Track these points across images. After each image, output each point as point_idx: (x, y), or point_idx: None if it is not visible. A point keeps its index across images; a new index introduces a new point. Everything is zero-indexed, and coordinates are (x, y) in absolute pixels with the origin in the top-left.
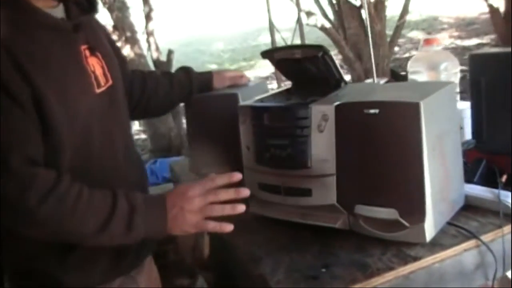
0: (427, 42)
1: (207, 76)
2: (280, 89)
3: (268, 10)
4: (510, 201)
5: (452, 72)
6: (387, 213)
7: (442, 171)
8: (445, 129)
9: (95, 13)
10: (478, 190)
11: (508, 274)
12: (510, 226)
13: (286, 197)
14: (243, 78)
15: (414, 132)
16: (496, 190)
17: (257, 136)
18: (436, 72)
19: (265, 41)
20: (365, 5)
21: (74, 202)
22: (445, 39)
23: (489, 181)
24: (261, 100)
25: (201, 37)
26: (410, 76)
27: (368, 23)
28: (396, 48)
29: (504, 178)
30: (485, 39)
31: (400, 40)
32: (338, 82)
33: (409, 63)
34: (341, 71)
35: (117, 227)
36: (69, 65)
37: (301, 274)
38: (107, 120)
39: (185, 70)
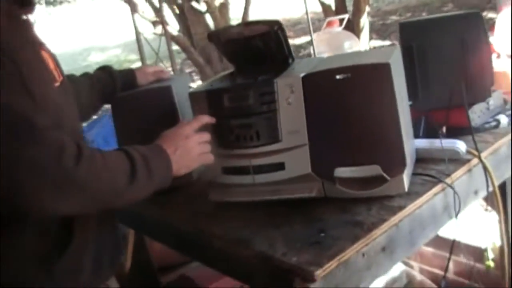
0: (329, 24)
1: (129, 73)
2: (222, 74)
3: (134, 23)
4: (458, 146)
5: (355, 49)
6: (370, 169)
7: (405, 125)
8: (401, 87)
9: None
10: (424, 143)
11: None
12: (462, 169)
13: (256, 176)
14: (165, 72)
15: (388, 89)
16: (451, 140)
17: (217, 120)
18: (341, 51)
19: (96, 60)
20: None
21: (102, 160)
22: None
23: (430, 135)
24: (210, 84)
25: None
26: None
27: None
28: None
29: (444, 129)
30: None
31: None
32: (285, 59)
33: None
34: (291, 46)
35: (142, 176)
36: (35, 57)
37: (302, 242)
38: (72, 117)
39: (106, 69)
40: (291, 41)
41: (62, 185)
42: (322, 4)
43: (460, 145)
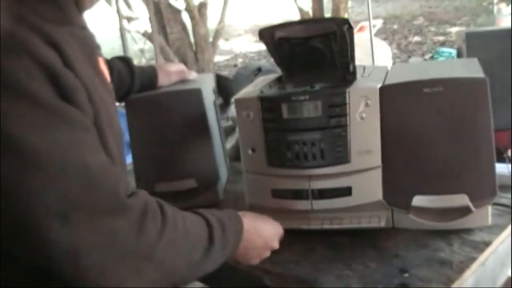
0: (360, 29)
1: (151, 72)
2: (268, 79)
3: (120, 20)
4: None
5: (388, 56)
6: (455, 199)
7: None
8: None
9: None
10: None
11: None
12: None
13: (315, 201)
14: (190, 72)
15: (484, 109)
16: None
17: (270, 133)
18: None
19: None
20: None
21: (183, 230)
22: (244, 43)
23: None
24: (260, 90)
25: None
26: None
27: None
28: None
29: (509, 152)
30: None
31: None
32: (346, 65)
33: None
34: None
35: (217, 247)
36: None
37: (385, 284)
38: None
39: (126, 62)
40: (263, 47)
41: (137, 262)
42: (300, 10)
43: None
